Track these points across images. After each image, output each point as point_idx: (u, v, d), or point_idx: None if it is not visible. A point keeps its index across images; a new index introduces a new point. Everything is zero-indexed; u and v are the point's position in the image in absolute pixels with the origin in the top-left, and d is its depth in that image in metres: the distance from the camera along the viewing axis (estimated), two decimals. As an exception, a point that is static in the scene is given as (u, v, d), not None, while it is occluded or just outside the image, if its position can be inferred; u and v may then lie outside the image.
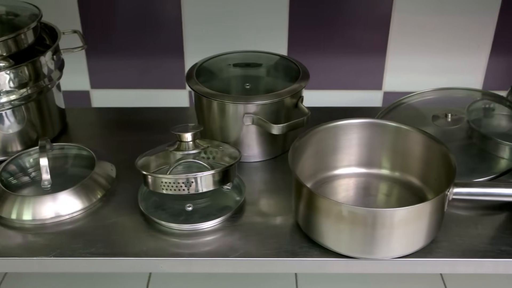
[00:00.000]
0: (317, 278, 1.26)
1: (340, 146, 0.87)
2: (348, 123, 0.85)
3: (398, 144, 0.86)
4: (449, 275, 1.26)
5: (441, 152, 0.81)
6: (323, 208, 0.74)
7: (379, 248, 0.75)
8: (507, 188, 0.78)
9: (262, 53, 1.02)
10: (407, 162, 0.87)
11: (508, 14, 1.16)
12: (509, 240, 0.81)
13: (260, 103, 0.90)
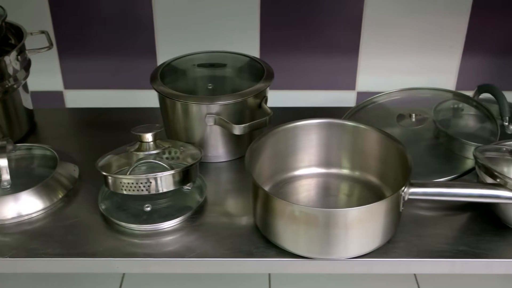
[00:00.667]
0: (291, 278, 1.26)
1: (300, 146, 0.87)
2: (307, 123, 0.85)
3: (357, 143, 0.86)
4: (423, 275, 1.26)
5: (399, 151, 0.81)
6: (277, 209, 0.74)
7: (333, 248, 0.75)
8: (462, 188, 0.78)
9: (228, 53, 1.02)
10: (366, 162, 0.87)
11: (479, 15, 1.16)
12: (467, 240, 0.81)
13: (222, 103, 0.90)
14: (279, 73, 1.22)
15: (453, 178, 0.90)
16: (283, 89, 1.26)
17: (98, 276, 1.24)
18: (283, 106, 1.22)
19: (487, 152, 0.83)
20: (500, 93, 0.98)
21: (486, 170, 0.78)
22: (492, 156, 0.83)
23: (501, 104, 0.97)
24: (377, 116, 1.05)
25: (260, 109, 0.94)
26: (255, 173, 0.81)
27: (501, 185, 0.76)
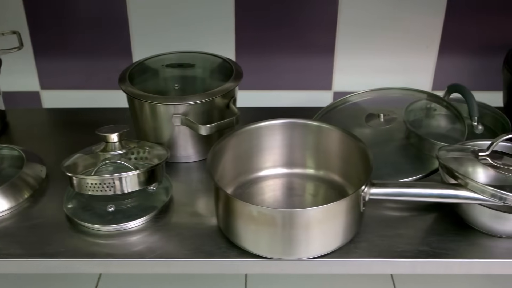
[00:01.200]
0: (267, 279, 1.26)
1: (264, 147, 0.87)
2: (270, 124, 0.86)
3: (321, 143, 0.86)
4: (399, 275, 1.26)
5: (361, 151, 0.81)
6: (236, 209, 0.75)
7: (293, 249, 0.75)
8: (422, 188, 0.78)
9: (198, 53, 1.02)
10: (331, 161, 0.87)
11: (454, 15, 1.16)
12: (428, 240, 0.81)
13: (188, 104, 0.90)
14: (255, 73, 1.23)
15: (419, 178, 0.89)
16: (260, 90, 1.26)
17: (74, 277, 1.24)
18: (260, 106, 1.22)
19: (451, 152, 0.83)
20: (469, 93, 0.98)
21: (448, 171, 0.78)
22: (456, 156, 0.83)
23: (470, 104, 0.97)
24: (348, 116, 1.05)
25: (229, 110, 0.94)
26: (218, 174, 0.81)
27: (462, 186, 0.76)
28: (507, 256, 0.79)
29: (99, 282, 1.24)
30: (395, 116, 0.98)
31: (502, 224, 0.78)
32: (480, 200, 0.75)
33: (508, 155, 0.83)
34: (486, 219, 0.79)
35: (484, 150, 0.80)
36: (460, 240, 0.81)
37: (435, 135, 1.02)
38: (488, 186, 0.74)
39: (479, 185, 0.74)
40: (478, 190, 0.75)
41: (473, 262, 0.78)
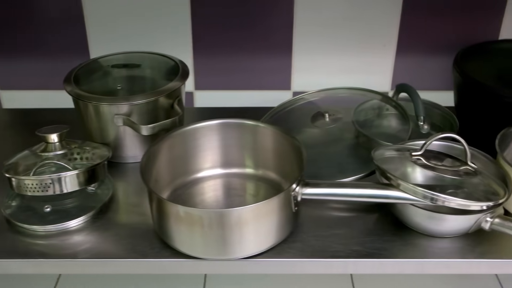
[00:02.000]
0: (225, 279, 1.26)
1: (202, 148, 0.87)
2: (206, 125, 0.86)
3: (258, 142, 0.87)
4: (358, 275, 1.26)
5: (296, 149, 0.81)
6: (165, 210, 0.75)
7: (224, 249, 0.75)
8: (354, 188, 0.78)
9: (147, 53, 1.02)
10: (269, 160, 0.88)
11: (410, 14, 1.16)
12: (362, 240, 0.81)
13: (128, 104, 0.90)
14: (214, 73, 1.23)
15: (360, 177, 0.89)
16: (220, 90, 1.26)
17: (33, 277, 1.24)
18: (219, 106, 1.22)
19: (388, 152, 0.83)
20: (415, 92, 0.98)
21: (381, 171, 0.78)
22: (391, 156, 0.82)
23: (416, 103, 0.97)
24: (298, 116, 1.05)
25: (173, 110, 0.94)
26: (156, 176, 0.81)
27: (393, 186, 0.76)
28: (441, 256, 0.79)
29: (58, 283, 1.24)
30: (341, 116, 0.98)
31: (437, 224, 0.78)
32: (412, 200, 0.75)
33: (444, 155, 0.83)
34: (421, 220, 0.79)
35: (417, 150, 0.80)
36: (395, 240, 0.81)
37: (384, 135, 1.02)
38: (419, 187, 0.74)
39: (410, 186, 0.74)
40: (410, 191, 0.75)
41: (406, 261, 0.78)
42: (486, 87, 0.93)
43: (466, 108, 1.02)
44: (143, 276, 1.26)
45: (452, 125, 1.01)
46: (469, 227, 0.77)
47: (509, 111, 0.91)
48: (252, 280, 1.25)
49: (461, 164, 0.80)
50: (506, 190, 0.77)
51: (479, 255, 0.79)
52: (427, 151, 0.81)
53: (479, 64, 1.02)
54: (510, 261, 0.79)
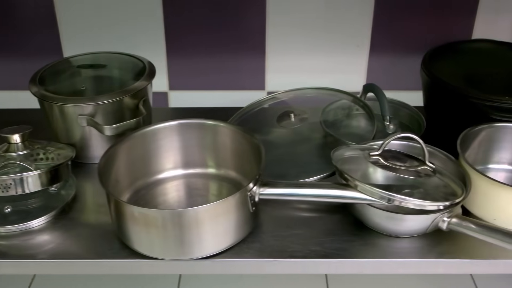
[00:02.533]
0: (200, 279, 1.26)
1: (163, 149, 0.87)
2: (166, 126, 0.86)
3: (219, 142, 0.87)
4: (333, 275, 1.26)
5: (255, 149, 0.81)
6: (122, 211, 0.75)
7: (180, 249, 0.75)
8: (311, 188, 0.78)
9: (114, 53, 1.02)
10: (230, 159, 0.88)
11: (382, 14, 1.16)
12: (321, 240, 0.81)
13: (90, 104, 0.90)
14: (188, 74, 1.23)
15: (324, 177, 0.89)
16: (195, 90, 1.26)
17: (5, 278, 1.24)
18: (193, 106, 1.22)
19: (348, 153, 0.83)
20: (382, 92, 0.98)
21: (339, 172, 0.78)
22: (351, 156, 0.82)
23: (381, 103, 0.97)
24: (266, 117, 1.05)
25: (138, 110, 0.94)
26: (117, 177, 0.81)
27: (350, 186, 0.76)
28: (399, 256, 0.79)
29: (32, 283, 1.24)
30: (307, 116, 0.98)
31: (394, 224, 0.78)
32: (369, 201, 0.75)
33: (404, 154, 0.83)
34: (379, 220, 0.79)
35: (376, 150, 0.80)
36: (354, 240, 0.81)
37: (352, 135, 1.03)
38: (376, 187, 0.74)
39: (367, 187, 0.74)
40: (367, 192, 0.74)
41: (364, 261, 0.78)
42: (451, 87, 0.93)
43: (434, 108, 1.02)
44: (118, 276, 1.26)
45: (420, 125, 1.01)
46: (426, 227, 0.77)
47: (475, 111, 0.91)
48: (226, 280, 1.25)
49: (420, 164, 0.80)
50: (464, 190, 0.77)
51: (437, 255, 0.79)
52: (386, 151, 0.81)
53: (448, 64, 1.02)
54: (468, 261, 0.78)
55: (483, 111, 0.90)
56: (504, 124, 0.87)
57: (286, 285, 1.23)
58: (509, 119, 0.89)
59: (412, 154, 0.84)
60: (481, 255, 0.79)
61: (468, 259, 0.79)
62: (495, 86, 0.96)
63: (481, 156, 0.89)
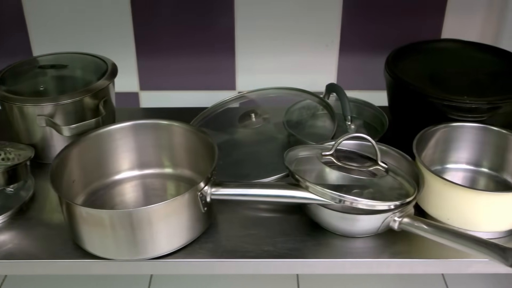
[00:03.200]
0: (170, 279, 1.26)
1: (120, 149, 0.87)
2: (120, 126, 0.86)
3: (174, 141, 0.87)
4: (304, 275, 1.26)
5: (210, 149, 0.81)
6: (71, 212, 0.75)
7: (132, 249, 0.75)
8: (262, 189, 0.78)
9: (77, 54, 1.02)
10: (186, 159, 0.88)
11: (351, 13, 1.16)
12: (274, 240, 0.80)
13: (51, 104, 0.90)
14: (159, 74, 1.23)
15: (282, 176, 0.89)
16: (167, 90, 1.26)
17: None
18: (165, 106, 1.22)
19: (302, 153, 0.83)
20: (343, 92, 0.98)
21: (291, 172, 0.78)
22: (305, 156, 0.82)
23: (343, 103, 0.97)
24: (230, 117, 1.05)
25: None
26: (67, 178, 0.81)
27: (300, 186, 0.76)
28: (352, 256, 0.79)
29: (3, 284, 1.24)
30: (268, 116, 0.98)
31: (346, 224, 0.78)
32: (320, 201, 0.75)
33: (357, 154, 0.83)
34: (331, 220, 0.79)
35: (328, 150, 0.80)
36: (307, 240, 0.81)
37: (316, 135, 1.03)
38: (327, 188, 0.74)
39: (318, 188, 0.74)
40: (318, 193, 0.74)
41: (316, 261, 0.78)
42: (412, 86, 0.93)
43: (397, 108, 1.02)
44: (88, 276, 1.26)
45: (383, 124, 1.01)
46: (377, 227, 0.77)
47: (435, 111, 0.91)
48: (196, 280, 1.25)
49: (373, 163, 0.80)
50: (416, 190, 0.77)
51: (390, 255, 0.79)
52: (339, 151, 0.80)
53: (412, 65, 1.02)
54: (420, 261, 0.78)
55: (443, 111, 0.90)
56: (461, 124, 0.87)
57: (257, 285, 1.23)
58: (469, 119, 0.89)
59: (367, 153, 0.83)
60: (434, 255, 0.79)
61: (420, 259, 0.78)
62: (458, 86, 0.96)
63: (439, 156, 0.89)
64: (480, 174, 0.89)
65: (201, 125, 1.03)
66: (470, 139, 0.88)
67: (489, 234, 0.79)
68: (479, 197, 0.76)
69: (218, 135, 1.02)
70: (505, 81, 0.97)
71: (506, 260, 0.67)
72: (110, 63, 0.99)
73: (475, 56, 1.06)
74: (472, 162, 0.90)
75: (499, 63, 1.02)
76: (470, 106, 0.89)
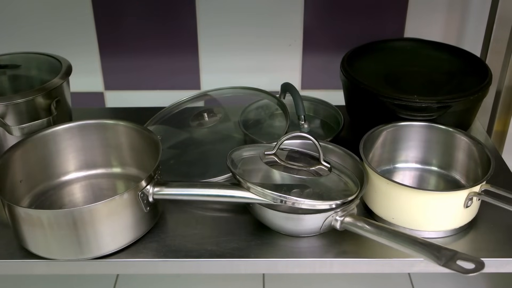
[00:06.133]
0: (137, 278, 1.26)
1: (67, 150, 0.87)
2: (65, 127, 0.86)
3: (121, 141, 0.87)
4: (271, 274, 1.26)
5: (155, 146, 0.81)
6: (12, 213, 0.75)
7: (78, 249, 0.75)
8: (203, 188, 0.78)
9: (32, 54, 1.02)
10: (134, 158, 0.88)
11: (313, 13, 1.16)
12: (218, 240, 0.80)
13: (1, 104, 0.89)
14: (124, 74, 1.23)
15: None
16: (132, 90, 1.26)
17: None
18: (131, 106, 1.22)
19: (246, 152, 0.83)
20: (296, 92, 0.98)
21: (232, 173, 0.78)
22: (250, 156, 0.82)
23: (296, 103, 0.97)
24: (187, 117, 1.05)
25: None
26: (12, 179, 0.81)
27: (240, 185, 0.76)
28: (295, 255, 0.79)
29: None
30: (221, 115, 0.98)
31: (288, 223, 0.78)
32: (262, 201, 0.75)
33: (301, 153, 0.83)
34: (274, 220, 0.79)
35: (271, 149, 0.80)
36: (251, 240, 0.81)
37: (272, 135, 1.02)
38: (268, 189, 0.73)
39: (259, 189, 0.74)
40: (259, 194, 0.74)
41: (258, 261, 0.78)
42: (363, 85, 0.93)
43: (352, 107, 1.02)
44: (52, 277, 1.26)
45: (339, 123, 1.01)
46: (319, 226, 0.77)
47: (386, 110, 0.91)
48: (161, 279, 1.25)
49: (317, 162, 0.80)
50: (359, 189, 0.77)
51: (335, 254, 0.79)
52: (282, 150, 0.80)
53: (368, 64, 1.02)
54: (362, 260, 0.78)
55: (393, 110, 0.90)
56: (409, 123, 0.87)
57: (222, 285, 1.23)
58: (420, 118, 0.89)
59: (313, 152, 0.83)
60: (379, 255, 0.79)
61: (363, 259, 0.78)
62: (412, 85, 0.96)
63: (388, 156, 0.89)
64: (430, 172, 0.89)
65: (158, 124, 1.03)
66: (418, 138, 0.88)
67: (433, 233, 0.79)
68: (421, 196, 0.77)
69: (175, 134, 1.02)
70: (461, 80, 0.97)
71: (440, 260, 0.67)
72: (65, 63, 0.99)
73: (434, 55, 1.06)
74: (422, 161, 0.90)
75: (457, 63, 1.03)
76: (420, 105, 0.89)
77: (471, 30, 1.18)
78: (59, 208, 0.85)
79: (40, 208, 0.82)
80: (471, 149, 0.84)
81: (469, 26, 1.18)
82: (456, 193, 0.76)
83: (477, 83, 0.94)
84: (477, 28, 1.17)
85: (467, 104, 0.91)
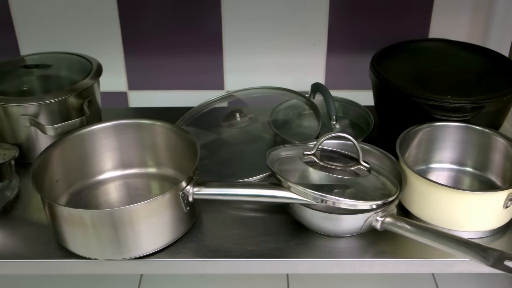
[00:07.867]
0: (161, 278, 1.26)
1: (103, 149, 0.87)
2: (102, 126, 0.86)
3: (157, 141, 0.87)
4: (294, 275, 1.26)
5: (193, 148, 0.80)
6: (53, 212, 0.75)
7: (116, 249, 0.75)
8: (243, 188, 0.78)
9: (62, 53, 1.02)
10: (169, 158, 0.88)
11: (338, 13, 1.16)
12: (257, 240, 0.80)
13: (35, 104, 0.90)
14: (147, 74, 1.23)
15: (266, 176, 0.89)
16: (156, 90, 1.26)
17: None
18: (154, 106, 1.22)
19: (284, 152, 0.83)
20: (327, 92, 0.98)
21: (273, 172, 0.78)
22: (288, 156, 0.82)
23: (327, 103, 0.97)
24: (216, 116, 1.05)
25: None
26: (50, 178, 0.81)
27: (282, 186, 0.76)
28: (334, 255, 0.79)
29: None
30: (252, 116, 0.98)
31: (328, 224, 0.78)
32: (302, 201, 0.75)
33: (339, 154, 0.83)
34: (314, 220, 0.79)
35: (310, 149, 0.80)
36: (290, 240, 0.81)
37: (302, 135, 1.02)
38: (309, 188, 0.73)
39: (300, 188, 0.74)
40: (300, 193, 0.74)
41: (298, 261, 0.78)
42: (395, 86, 0.93)
43: (383, 107, 1.02)
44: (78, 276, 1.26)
45: (369, 124, 1.01)
46: (360, 226, 0.77)
47: (418, 110, 0.91)
48: (186, 280, 1.25)
49: (355, 163, 0.80)
50: (398, 189, 0.77)
51: (373, 255, 0.79)
52: (321, 151, 0.80)
53: (397, 64, 1.02)
54: (402, 261, 0.78)
55: (427, 110, 0.90)
56: (444, 123, 0.87)
57: (247, 285, 1.23)
58: (453, 119, 0.89)
59: (350, 153, 0.83)
60: (418, 255, 0.79)
61: (404, 259, 0.78)
62: (443, 85, 0.96)
63: (423, 156, 0.89)
64: (465, 173, 0.89)
65: (187, 125, 1.03)
66: (453, 139, 0.88)
67: (472, 233, 0.79)
68: (461, 197, 0.77)
69: (204, 134, 1.02)
70: (490, 81, 0.97)
71: (487, 260, 0.67)
72: (95, 63, 0.99)
73: (462, 55, 1.06)
74: (456, 161, 0.90)
75: (485, 63, 1.03)
76: (454, 105, 0.89)
77: (496, 31, 1.18)
78: (94, 207, 0.85)
79: (75, 207, 0.82)
80: (508, 150, 0.84)
81: (494, 27, 1.18)
82: (497, 194, 0.76)
83: (508, 83, 0.94)
84: (502, 29, 1.17)
85: (500, 104, 0.91)
